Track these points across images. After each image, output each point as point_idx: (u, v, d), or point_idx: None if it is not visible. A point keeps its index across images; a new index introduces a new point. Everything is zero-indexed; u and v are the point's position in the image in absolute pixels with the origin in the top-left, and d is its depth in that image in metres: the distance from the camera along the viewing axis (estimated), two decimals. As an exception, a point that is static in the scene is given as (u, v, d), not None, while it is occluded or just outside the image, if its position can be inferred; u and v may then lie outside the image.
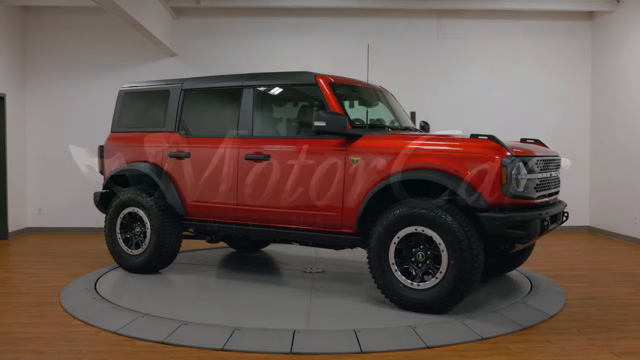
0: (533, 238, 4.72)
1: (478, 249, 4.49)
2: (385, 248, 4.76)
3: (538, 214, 4.62)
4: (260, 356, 3.90)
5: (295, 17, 9.53)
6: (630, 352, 3.99)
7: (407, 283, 4.70)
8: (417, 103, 8.47)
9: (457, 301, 4.62)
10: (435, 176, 4.61)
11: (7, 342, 4.19)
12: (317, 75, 5.34)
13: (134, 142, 6.38)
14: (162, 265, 6.23)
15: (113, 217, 6.34)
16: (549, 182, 5.03)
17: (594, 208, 9.72)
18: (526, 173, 4.56)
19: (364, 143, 4.99)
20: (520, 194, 4.53)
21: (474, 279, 4.51)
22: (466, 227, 4.48)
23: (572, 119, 9.79)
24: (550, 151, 5.38)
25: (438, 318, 4.59)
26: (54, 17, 9.46)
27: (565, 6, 9.21)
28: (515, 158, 4.47)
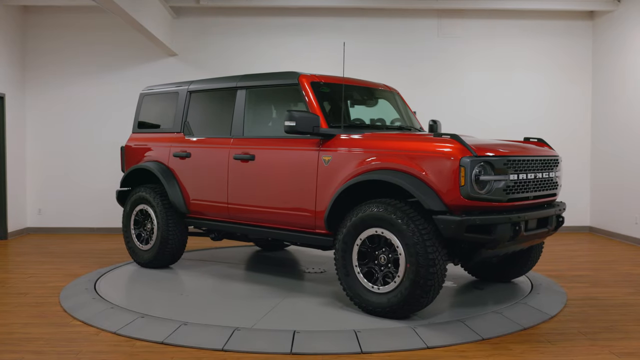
0: (501, 243, 4.40)
1: (435, 254, 4.28)
2: (349, 250, 4.67)
3: (506, 218, 4.33)
4: (260, 356, 3.89)
5: (295, 17, 9.52)
6: (630, 352, 3.99)
7: (369, 286, 4.58)
8: (417, 103, 8.46)
9: (416, 307, 4.44)
10: (392, 177, 4.46)
11: (7, 342, 4.18)
12: (300, 75, 5.35)
13: (148, 143, 6.68)
14: (167, 261, 6.44)
15: (128, 214, 6.66)
16: (532, 184, 4.69)
17: (594, 208, 9.71)
18: (492, 174, 4.30)
19: (336, 143, 4.95)
20: (481, 196, 4.26)
21: (431, 285, 4.30)
22: (423, 230, 4.29)
23: (573, 119, 9.79)
24: (544, 151, 5.03)
25: (438, 318, 4.58)
26: (54, 16, 9.46)
27: (565, 6, 9.20)
28: (475, 158, 4.24)
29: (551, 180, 4.96)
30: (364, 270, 4.63)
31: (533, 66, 9.72)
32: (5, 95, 8.78)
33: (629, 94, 8.74)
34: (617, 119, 9.04)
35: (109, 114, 9.53)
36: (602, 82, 9.50)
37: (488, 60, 9.68)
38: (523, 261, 5.56)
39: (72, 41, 9.47)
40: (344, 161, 4.84)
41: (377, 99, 6.12)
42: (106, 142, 9.49)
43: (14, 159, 9.06)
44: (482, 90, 9.67)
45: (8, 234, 8.85)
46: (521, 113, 9.68)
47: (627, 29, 8.80)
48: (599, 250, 8.13)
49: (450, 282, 5.73)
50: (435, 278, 4.31)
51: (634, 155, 8.61)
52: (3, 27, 8.81)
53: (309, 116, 4.91)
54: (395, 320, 4.50)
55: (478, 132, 8.78)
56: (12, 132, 8.98)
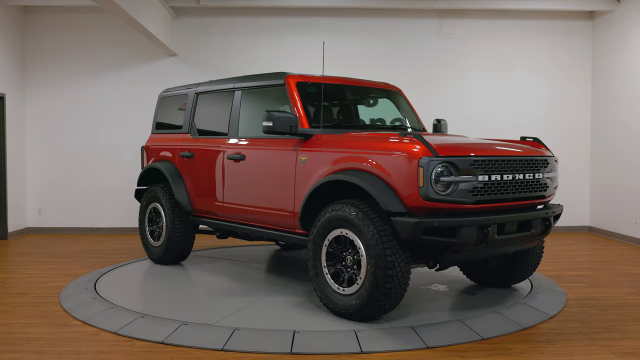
0: (468, 247, 4.24)
1: (395, 256, 4.19)
2: (319, 250, 4.66)
3: (471, 221, 4.16)
4: (260, 356, 3.89)
5: (295, 17, 9.52)
6: (630, 352, 3.99)
7: (335, 287, 4.56)
8: (417, 103, 8.46)
9: (378, 310, 4.36)
10: (354, 177, 4.40)
11: (7, 342, 4.19)
12: (287, 75, 5.37)
13: (162, 143, 6.87)
14: (175, 258, 6.66)
15: (142, 211, 6.93)
16: (509, 186, 4.48)
17: (594, 208, 9.72)
18: (455, 175, 4.15)
19: (312, 143, 4.95)
20: (442, 198, 4.13)
21: (390, 288, 4.22)
22: (382, 232, 4.21)
23: (573, 119, 9.79)
24: (528, 151, 4.77)
25: (438, 318, 4.59)
26: (54, 16, 9.46)
27: (565, 6, 9.20)
28: (435, 158, 4.11)
29: (537, 181, 4.72)
30: (331, 271, 4.60)
31: (533, 66, 9.72)
32: (5, 95, 8.78)
33: (629, 94, 8.75)
34: (617, 119, 9.05)
35: (109, 114, 9.54)
36: (601, 82, 9.50)
37: (488, 61, 9.69)
38: (519, 266, 5.34)
39: (72, 41, 9.47)
40: (318, 161, 4.83)
41: (375, 98, 6.11)
42: (106, 142, 9.50)
43: (14, 159, 9.07)
44: (482, 90, 9.67)
45: (8, 234, 8.85)
46: (521, 113, 9.68)
47: (627, 29, 8.80)
48: (598, 250, 8.13)
49: (444, 286, 5.65)
50: (395, 281, 4.22)
51: (633, 155, 8.61)
52: (3, 27, 8.81)
53: (286, 116, 4.92)
54: (393, 320, 4.51)
55: (478, 132, 8.79)
56: (12, 132, 8.98)
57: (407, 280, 4.31)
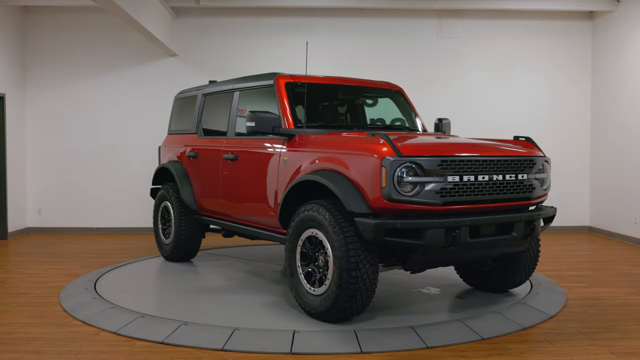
0: (436, 249, 4.14)
1: (359, 257, 4.14)
2: (294, 250, 4.66)
3: (437, 222, 4.06)
4: (260, 356, 3.89)
5: (295, 17, 9.53)
6: (630, 352, 3.99)
7: (307, 287, 4.55)
8: (417, 103, 8.46)
9: (345, 312, 4.31)
10: (322, 177, 4.38)
11: (7, 342, 4.19)
12: (277, 75, 5.40)
13: (175, 143, 7.01)
14: (183, 256, 6.82)
15: (156, 210, 7.10)
16: (486, 187, 4.34)
17: (594, 208, 9.72)
18: (421, 176, 4.06)
19: (293, 143, 4.96)
20: (406, 199, 4.04)
21: (354, 289, 4.17)
22: (346, 233, 4.17)
23: (573, 119, 9.79)
24: (509, 151, 4.59)
25: (438, 318, 4.59)
26: (54, 16, 9.46)
27: (565, 6, 9.21)
28: (399, 159, 4.02)
29: (521, 183, 4.54)
30: (305, 271, 4.60)
31: (533, 66, 9.72)
32: (5, 95, 8.78)
33: (629, 94, 8.75)
34: (617, 119, 9.05)
35: (109, 114, 9.54)
36: (601, 82, 9.50)
37: (488, 61, 9.69)
38: (512, 270, 5.14)
39: (72, 41, 9.47)
40: (297, 161, 4.84)
41: (374, 98, 6.09)
42: (106, 142, 9.50)
43: (14, 158, 9.06)
44: (482, 90, 9.67)
45: (8, 234, 8.85)
46: (521, 113, 9.68)
47: (627, 29, 8.80)
48: (598, 250, 8.13)
49: (437, 289, 5.57)
50: (360, 283, 4.17)
51: (633, 155, 8.61)
52: (3, 27, 8.81)
53: (268, 117, 4.95)
54: (393, 320, 4.51)
55: (478, 132, 8.80)
56: (12, 132, 8.98)
57: (373, 282, 4.24)
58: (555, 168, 9.73)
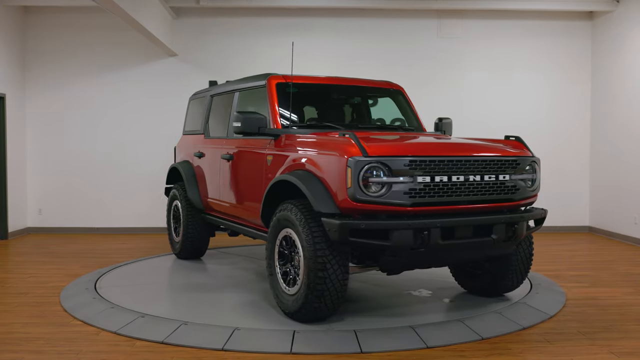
0: (405, 251, 4.07)
1: (326, 257, 4.12)
2: (273, 249, 4.68)
3: (404, 224, 3.99)
4: (260, 356, 3.90)
5: (295, 17, 9.53)
6: (630, 352, 3.99)
7: (283, 287, 4.56)
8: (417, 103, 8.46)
9: (313, 312, 4.29)
10: (294, 177, 4.38)
11: (7, 342, 4.19)
12: (269, 76, 5.44)
13: (186, 144, 7.12)
14: (191, 254, 6.96)
15: (168, 208, 7.24)
16: (460, 188, 4.23)
17: (593, 208, 9.72)
18: (388, 176, 4.00)
19: (277, 143, 4.98)
20: (372, 199, 3.98)
21: (322, 290, 4.15)
22: (315, 233, 4.16)
23: (572, 119, 9.80)
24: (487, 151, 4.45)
25: (438, 318, 4.59)
26: (54, 17, 9.46)
27: (565, 6, 9.21)
28: (364, 159, 3.97)
29: (502, 183, 4.40)
30: (282, 270, 4.61)
31: (533, 66, 9.72)
32: (5, 95, 8.78)
33: (628, 94, 8.75)
34: (617, 119, 9.05)
35: (109, 114, 9.54)
36: (601, 82, 9.51)
37: (488, 61, 9.69)
38: (503, 273, 4.99)
39: (72, 41, 9.47)
40: (279, 161, 4.85)
41: (370, 97, 6.06)
42: (106, 142, 9.50)
43: (14, 159, 9.06)
44: (482, 90, 9.68)
45: (8, 234, 8.85)
46: (521, 113, 9.68)
47: (627, 29, 8.80)
48: (598, 250, 8.14)
49: (429, 292, 5.48)
50: (327, 283, 4.14)
51: (633, 155, 8.61)
52: (3, 27, 8.81)
53: (254, 117, 4.97)
54: (393, 320, 4.51)
55: (478, 132, 8.79)
56: (12, 132, 8.98)
57: (342, 283, 4.21)
58: (555, 168, 9.75)
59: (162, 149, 9.45)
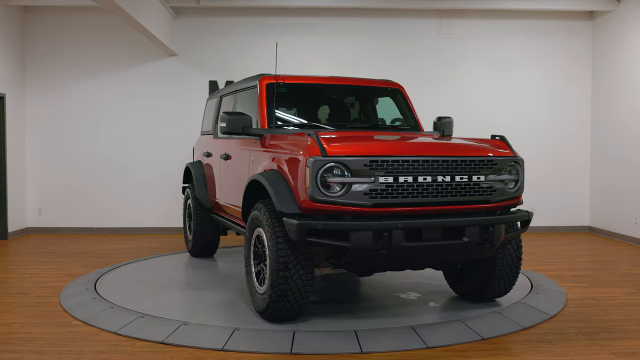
0: (366, 252, 3.99)
1: (288, 257, 4.12)
2: (249, 248, 4.70)
3: (362, 225, 3.92)
4: (260, 356, 3.89)
5: (295, 17, 9.52)
6: (630, 352, 3.99)
7: (257, 286, 4.57)
8: (417, 103, 8.46)
9: (278, 311, 4.29)
10: (262, 177, 4.42)
11: (7, 342, 4.19)
12: (261, 76, 5.46)
13: (200, 144, 7.23)
14: (201, 252, 7.09)
15: (184, 207, 7.40)
16: (428, 189, 4.11)
17: (594, 208, 9.71)
18: (347, 176, 3.95)
19: (261, 143, 5.00)
20: (331, 200, 3.94)
21: (284, 290, 4.16)
22: (278, 232, 4.16)
23: (573, 119, 9.79)
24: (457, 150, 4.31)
25: (438, 318, 4.59)
26: (54, 16, 9.46)
27: (565, 6, 9.20)
28: (322, 159, 3.93)
29: (477, 184, 4.25)
30: (256, 269, 4.63)
31: (533, 66, 9.72)
32: (5, 95, 8.78)
33: (629, 94, 8.74)
34: (617, 118, 9.05)
35: (109, 114, 9.53)
36: (602, 82, 9.50)
37: (488, 60, 9.69)
38: (488, 278, 4.82)
39: (72, 41, 9.46)
40: (261, 161, 4.87)
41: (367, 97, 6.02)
42: (106, 142, 9.50)
43: (14, 158, 9.06)
44: (483, 90, 9.67)
45: (8, 234, 8.85)
46: (521, 113, 9.68)
47: (627, 29, 8.80)
48: (598, 250, 8.13)
49: (417, 294, 5.38)
50: (289, 283, 4.14)
51: (633, 155, 8.61)
52: (3, 27, 8.81)
53: (238, 117, 5.00)
54: (393, 320, 4.51)
55: (478, 132, 8.78)
56: (12, 132, 8.98)
57: (305, 283, 4.20)
58: (556, 168, 9.75)
59: (162, 148, 9.46)
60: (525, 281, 5.87)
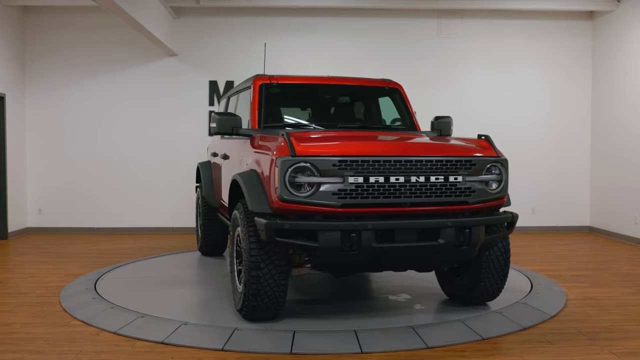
0: (334, 253, 3.95)
1: (260, 257, 4.12)
2: (233, 247, 4.72)
3: (330, 225, 3.90)
4: (260, 356, 3.89)
5: (295, 17, 9.52)
6: (630, 352, 3.99)
7: (237, 284, 4.59)
8: (417, 103, 8.46)
9: (253, 311, 4.31)
10: (240, 177, 4.45)
11: (7, 342, 4.19)
12: (255, 77, 5.48)
13: (210, 143, 7.30)
14: (210, 251, 7.17)
15: (196, 206, 7.47)
16: (400, 189, 4.05)
17: (594, 208, 9.71)
18: (316, 176, 3.93)
19: (250, 144, 5.00)
20: (300, 200, 3.92)
21: (257, 289, 4.16)
22: (251, 232, 4.17)
23: (573, 119, 9.79)
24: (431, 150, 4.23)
25: (438, 318, 4.59)
26: (54, 16, 9.45)
27: (565, 6, 9.20)
28: (290, 158, 3.93)
29: (454, 185, 4.17)
30: (237, 268, 4.64)
31: (533, 66, 9.72)
32: (5, 95, 8.78)
33: (629, 94, 8.74)
34: (617, 118, 9.05)
35: (109, 114, 9.53)
36: (602, 82, 9.50)
37: (488, 60, 9.69)
38: (474, 281, 4.72)
39: (72, 41, 9.46)
40: (247, 161, 4.88)
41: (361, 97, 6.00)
42: (106, 142, 9.50)
43: (14, 158, 9.06)
44: (483, 90, 9.67)
45: (8, 234, 8.85)
46: (521, 113, 9.68)
47: (627, 29, 8.80)
48: (598, 250, 8.13)
49: (407, 296, 5.31)
50: (262, 282, 4.15)
51: (633, 154, 8.61)
52: (3, 27, 8.81)
53: (228, 118, 5.01)
54: (393, 320, 4.51)
55: (479, 131, 8.79)
56: (12, 132, 8.98)
57: (279, 282, 4.20)
58: (556, 168, 9.75)
59: (162, 148, 9.46)
60: (525, 281, 5.87)
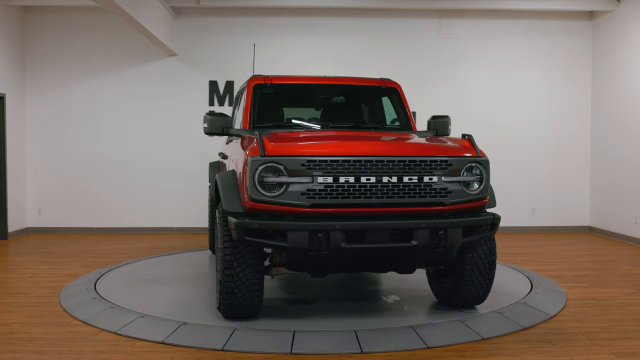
0: (303, 253, 3.94)
1: (233, 256, 4.13)
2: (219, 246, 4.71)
3: (298, 225, 3.88)
4: (260, 356, 3.89)
5: (295, 17, 9.52)
6: (630, 352, 3.99)
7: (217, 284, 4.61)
8: (417, 103, 8.47)
9: (229, 310, 4.32)
10: (219, 177, 4.47)
11: (7, 342, 4.19)
12: (251, 78, 5.48)
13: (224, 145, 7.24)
14: None
15: (209, 206, 7.35)
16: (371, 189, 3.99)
17: (594, 208, 9.72)
18: (285, 176, 3.93)
19: (241, 143, 4.97)
20: (268, 200, 3.93)
21: (231, 288, 4.17)
22: (225, 232, 4.20)
23: (573, 119, 9.80)
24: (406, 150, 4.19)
25: (438, 318, 4.59)
26: (54, 16, 9.46)
27: (565, 6, 9.20)
28: (259, 158, 3.95)
29: (428, 186, 4.08)
30: None
31: (533, 66, 9.72)
32: (5, 95, 8.78)
33: (629, 93, 8.75)
34: (617, 118, 9.05)
35: (109, 114, 9.54)
36: (602, 82, 9.50)
37: (488, 60, 9.69)
38: (458, 284, 4.64)
39: (72, 41, 9.46)
40: (234, 161, 4.90)
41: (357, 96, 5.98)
42: (106, 142, 9.50)
43: (14, 158, 9.06)
44: (483, 90, 9.68)
45: (8, 234, 8.85)
46: (521, 113, 9.69)
47: (627, 29, 8.80)
48: (598, 250, 8.13)
49: (397, 297, 5.27)
50: (235, 282, 4.15)
51: (633, 154, 8.61)
52: (3, 27, 8.81)
53: (218, 118, 5.01)
54: (393, 320, 4.51)
55: (478, 131, 8.78)
56: (12, 132, 8.98)
57: (252, 282, 4.20)
58: (556, 168, 9.76)
59: (162, 148, 9.46)
60: (525, 281, 5.87)
